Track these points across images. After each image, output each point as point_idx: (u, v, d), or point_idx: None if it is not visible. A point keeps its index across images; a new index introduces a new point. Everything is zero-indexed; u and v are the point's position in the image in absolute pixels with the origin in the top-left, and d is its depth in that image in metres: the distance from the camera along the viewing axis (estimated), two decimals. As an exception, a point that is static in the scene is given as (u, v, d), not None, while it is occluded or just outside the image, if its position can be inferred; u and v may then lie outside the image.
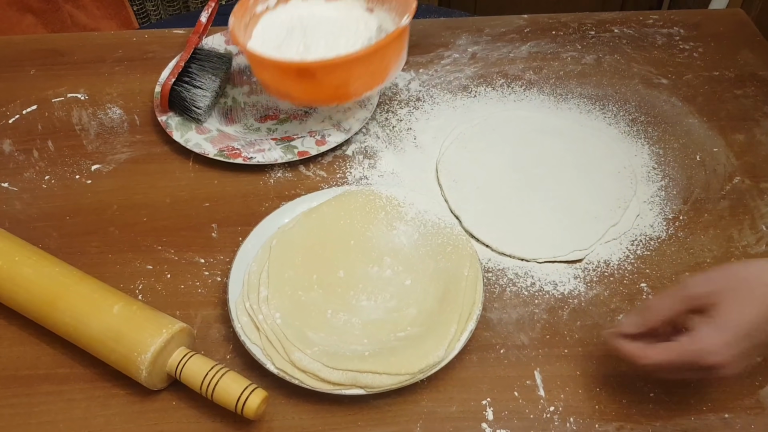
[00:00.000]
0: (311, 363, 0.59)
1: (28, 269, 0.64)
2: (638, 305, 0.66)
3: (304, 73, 0.76)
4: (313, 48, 0.81)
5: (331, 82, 0.76)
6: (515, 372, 0.63)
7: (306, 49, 0.81)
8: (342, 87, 0.77)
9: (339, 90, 0.77)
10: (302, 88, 0.77)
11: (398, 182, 0.79)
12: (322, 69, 0.75)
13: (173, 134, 0.81)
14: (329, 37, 0.82)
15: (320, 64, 0.75)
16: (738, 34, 1.00)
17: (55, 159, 0.82)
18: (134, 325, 0.60)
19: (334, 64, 0.74)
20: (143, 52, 0.96)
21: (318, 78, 0.75)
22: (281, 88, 0.79)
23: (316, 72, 0.75)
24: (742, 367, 0.54)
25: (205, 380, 0.57)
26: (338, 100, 0.79)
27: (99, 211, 0.76)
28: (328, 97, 0.78)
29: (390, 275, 0.68)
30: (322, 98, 0.78)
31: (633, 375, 0.62)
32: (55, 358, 0.64)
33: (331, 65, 0.74)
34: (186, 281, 0.70)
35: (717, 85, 0.92)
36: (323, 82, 0.76)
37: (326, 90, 0.77)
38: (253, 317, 0.63)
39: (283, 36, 0.83)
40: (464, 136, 0.83)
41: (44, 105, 0.89)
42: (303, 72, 0.76)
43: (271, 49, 0.81)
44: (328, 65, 0.74)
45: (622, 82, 0.92)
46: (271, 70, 0.78)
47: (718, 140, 0.84)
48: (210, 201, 0.77)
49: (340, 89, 0.77)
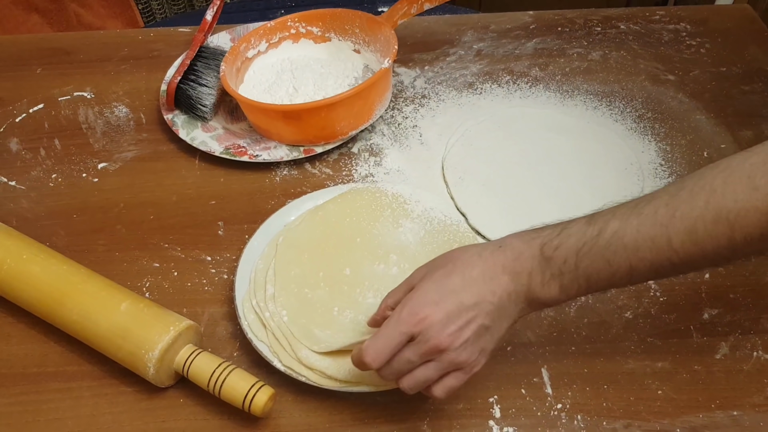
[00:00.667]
0: (318, 360, 0.59)
1: (36, 267, 0.64)
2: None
3: (290, 115, 0.78)
4: (302, 89, 0.84)
5: (317, 123, 0.78)
6: (522, 369, 0.63)
7: (295, 91, 0.84)
8: (328, 127, 0.79)
9: (325, 130, 0.79)
10: (290, 129, 0.79)
11: (404, 179, 0.79)
12: (307, 112, 0.77)
13: (179, 132, 0.81)
14: (318, 78, 0.86)
15: (305, 107, 0.77)
16: (745, 30, 0.99)
17: (62, 157, 0.82)
18: (142, 322, 0.60)
19: (319, 107, 0.76)
20: (149, 50, 0.97)
21: (304, 120, 0.78)
22: (271, 129, 0.81)
23: (301, 114, 0.77)
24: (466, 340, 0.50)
25: (212, 378, 0.57)
26: (324, 139, 0.80)
27: (106, 209, 0.77)
28: (315, 137, 0.80)
29: (396, 272, 0.68)
30: (309, 138, 0.80)
31: (641, 372, 0.62)
32: (63, 355, 0.64)
33: (315, 108, 0.76)
34: (193, 279, 0.70)
35: (724, 81, 0.91)
36: (309, 123, 0.78)
37: (312, 131, 0.79)
38: (260, 315, 0.63)
39: (273, 78, 0.87)
40: (470, 134, 0.83)
41: (51, 104, 0.89)
42: (289, 115, 0.78)
43: (261, 92, 0.85)
44: (313, 108, 0.76)
45: (628, 79, 0.91)
46: (259, 114, 0.80)
47: (726, 136, 0.83)
48: (216, 199, 0.77)
49: (326, 129, 0.79)
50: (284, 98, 0.84)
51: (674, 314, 0.66)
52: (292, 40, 0.91)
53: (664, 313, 0.67)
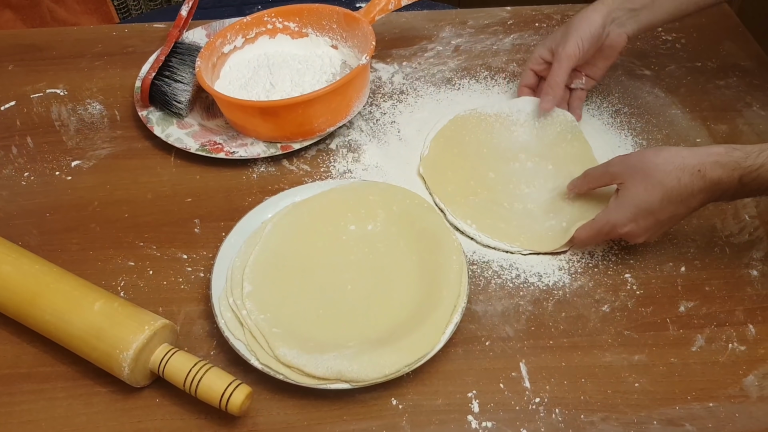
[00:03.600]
0: (296, 358, 0.58)
1: (7, 267, 0.63)
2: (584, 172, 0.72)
3: (267, 112, 0.77)
4: (279, 85, 0.83)
5: (294, 120, 0.77)
6: (501, 364, 0.63)
7: (272, 87, 0.83)
8: (305, 124, 0.78)
9: (303, 127, 0.78)
10: (267, 126, 0.78)
11: (382, 175, 0.79)
12: (284, 108, 0.76)
13: (154, 129, 0.80)
14: (295, 74, 0.85)
15: (282, 103, 0.77)
16: (720, 25, 1.00)
17: (35, 155, 0.81)
18: (116, 322, 0.59)
19: (296, 103, 0.75)
20: (123, 46, 0.95)
21: (281, 116, 0.77)
22: (248, 126, 0.80)
23: (278, 111, 0.76)
24: (655, 237, 0.67)
25: (188, 377, 0.57)
26: (302, 135, 0.79)
27: (79, 208, 0.76)
28: (292, 134, 0.79)
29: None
30: (287, 135, 0.79)
31: (618, 365, 0.62)
32: (36, 356, 0.63)
33: (293, 104, 0.76)
34: (168, 277, 0.69)
35: (699, 76, 0.92)
36: (287, 120, 0.77)
37: (289, 127, 0.78)
38: (237, 313, 0.62)
39: (249, 74, 0.86)
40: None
41: (23, 101, 0.87)
42: (266, 111, 0.77)
43: (237, 88, 0.84)
44: (290, 104, 0.76)
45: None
46: (236, 110, 0.79)
47: (701, 131, 0.84)
48: (192, 196, 0.77)
49: (304, 126, 0.78)
50: (261, 94, 0.83)
51: (651, 307, 0.67)
52: (269, 35, 0.90)
53: (641, 306, 0.67)
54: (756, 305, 0.67)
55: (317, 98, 0.75)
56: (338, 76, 0.85)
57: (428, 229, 0.70)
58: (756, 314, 0.66)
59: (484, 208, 0.74)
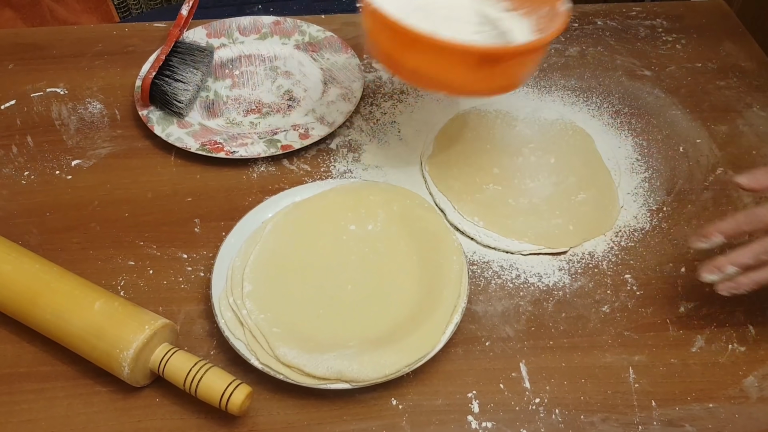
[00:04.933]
0: (296, 358, 0.58)
1: (7, 266, 0.63)
2: None
3: (488, 59, 0.64)
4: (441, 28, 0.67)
5: (510, 71, 0.67)
6: (501, 364, 0.63)
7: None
8: (517, 76, 0.69)
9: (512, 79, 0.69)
10: (475, 77, 0.66)
11: (382, 175, 0.79)
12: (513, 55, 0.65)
13: (154, 129, 0.80)
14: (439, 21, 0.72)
15: (515, 49, 0.67)
16: (720, 26, 1.00)
17: (35, 154, 0.81)
18: (116, 321, 0.59)
19: (527, 50, 0.66)
20: (123, 45, 0.95)
21: (500, 66, 0.65)
22: (441, 77, 0.66)
23: (502, 58, 0.65)
24: None
25: (188, 376, 0.57)
26: (503, 90, 0.70)
27: (80, 207, 0.75)
28: (499, 88, 0.69)
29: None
30: (493, 88, 0.69)
31: (618, 366, 0.62)
32: (36, 355, 0.63)
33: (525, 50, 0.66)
34: (168, 277, 0.69)
35: (700, 77, 0.92)
36: (506, 70, 0.66)
37: (501, 79, 0.68)
38: (237, 312, 0.62)
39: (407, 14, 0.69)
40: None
41: (23, 100, 0.87)
42: (488, 58, 0.64)
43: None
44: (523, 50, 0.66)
45: (605, 74, 0.92)
46: (432, 55, 0.64)
47: (702, 131, 0.84)
48: (192, 196, 0.77)
49: (515, 78, 0.69)
50: None
51: (651, 308, 0.67)
52: None
53: (641, 306, 0.67)
54: (756, 306, 0.67)
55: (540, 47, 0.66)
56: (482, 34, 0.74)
57: (428, 229, 0.70)
58: (756, 315, 0.66)
59: (491, 205, 0.74)
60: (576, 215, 0.73)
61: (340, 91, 0.86)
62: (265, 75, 0.90)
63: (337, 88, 0.86)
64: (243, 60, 0.92)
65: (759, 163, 0.80)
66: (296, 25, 0.95)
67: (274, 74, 0.90)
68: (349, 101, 0.84)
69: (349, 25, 0.98)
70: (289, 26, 0.95)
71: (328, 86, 0.87)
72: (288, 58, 0.92)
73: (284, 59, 0.92)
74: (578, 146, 0.80)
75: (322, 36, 0.93)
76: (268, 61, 0.91)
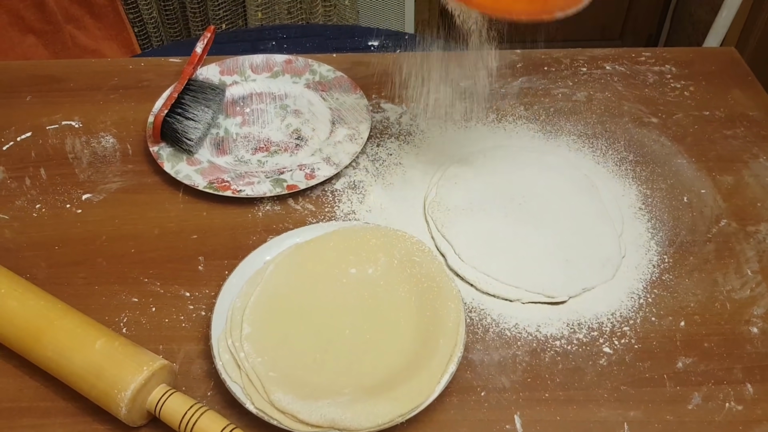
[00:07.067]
0: (290, 404, 0.59)
1: (13, 302, 0.64)
2: None
3: None
4: None
5: None
6: (495, 416, 0.63)
7: None
8: None
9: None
10: None
11: (386, 217, 0.79)
12: None
13: (164, 165, 0.82)
14: None
15: None
16: (729, 73, 1.00)
17: (47, 187, 0.83)
18: (115, 361, 0.60)
19: None
20: (139, 80, 0.97)
21: None
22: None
23: None
24: None
25: (184, 419, 0.57)
26: (567, 6, 0.66)
27: (87, 242, 0.77)
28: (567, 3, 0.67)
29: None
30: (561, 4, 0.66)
31: (613, 421, 0.62)
32: (38, 390, 0.64)
33: None
34: (170, 315, 0.70)
35: (707, 125, 0.92)
36: None
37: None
38: (235, 355, 0.63)
39: None
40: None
41: (39, 132, 0.90)
42: None
43: None
44: None
45: (612, 120, 0.92)
46: None
47: (706, 181, 0.84)
48: (198, 233, 0.78)
49: None
50: None
51: (648, 362, 0.67)
52: None
53: (639, 360, 0.67)
54: (755, 364, 0.67)
55: None
56: None
57: (428, 275, 0.70)
58: (755, 373, 0.66)
59: (494, 249, 0.75)
60: (577, 264, 0.74)
61: (348, 131, 0.87)
62: (275, 113, 0.91)
63: (345, 128, 0.88)
64: (254, 98, 0.94)
65: (764, 215, 0.80)
66: (307, 64, 0.96)
67: (283, 112, 0.92)
68: (356, 142, 0.85)
69: (360, 65, 0.99)
70: (300, 65, 0.96)
71: (336, 126, 0.89)
72: (298, 96, 0.93)
73: (294, 98, 0.93)
74: (582, 193, 0.81)
75: (332, 76, 0.95)
76: (278, 100, 0.93)
